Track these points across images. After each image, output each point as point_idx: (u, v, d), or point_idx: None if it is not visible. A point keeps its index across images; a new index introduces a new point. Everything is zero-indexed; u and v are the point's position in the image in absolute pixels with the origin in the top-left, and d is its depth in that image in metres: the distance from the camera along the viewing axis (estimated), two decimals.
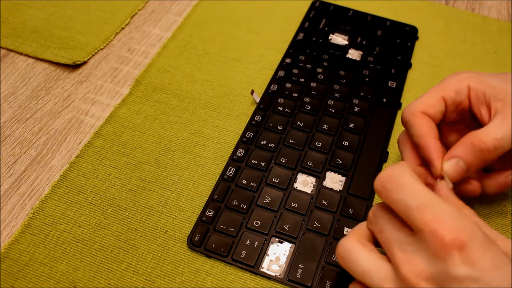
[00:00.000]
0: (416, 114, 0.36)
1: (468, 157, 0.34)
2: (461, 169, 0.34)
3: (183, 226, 0.39)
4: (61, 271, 0.36)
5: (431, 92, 0.37)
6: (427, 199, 0.28)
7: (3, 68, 0.50)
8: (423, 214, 0.27)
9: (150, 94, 0.48)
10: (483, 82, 0.36)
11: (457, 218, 0.26)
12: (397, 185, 0.29)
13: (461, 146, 0.34)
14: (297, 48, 0.53)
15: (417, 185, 0.28)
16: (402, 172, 0.29)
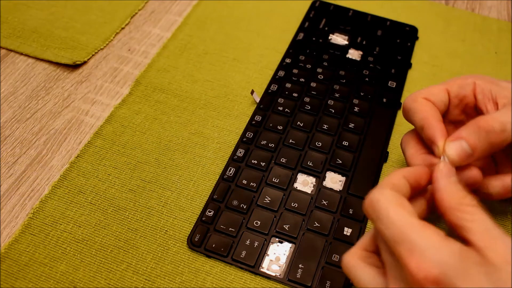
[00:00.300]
0: (418, 100, 0.35)
1: (473, 139, 0.31)
2: (464, 152, 0.32)
3: (183, 226, 0.39)
4: (61, 271, 0.36)
5: (434, 85, 0.36)
6: (402, 231, 0.26)
7: (3, 68, 0.50)
8: (397, 247, 0.26)
9: (150, 94, 0.48)
10: (490, 81, 0.35)
11: (431, 251, 0.25)
12: (375, 214, 0.28)
13: (466, 128, 0.32)
14: (297, 48, 0.53)
15: (393, 213, 0.27)
16: (378, 198, 0.28)
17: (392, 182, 0.30)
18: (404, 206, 0.28)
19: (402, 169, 0.31)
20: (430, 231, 0.26)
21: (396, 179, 0.30)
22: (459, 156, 0.32)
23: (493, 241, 0.26)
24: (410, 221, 0.27)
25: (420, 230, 0.26)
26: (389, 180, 0.30)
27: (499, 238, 0.26)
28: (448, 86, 0.36)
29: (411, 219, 0.27)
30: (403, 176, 0.30)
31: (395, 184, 0.29)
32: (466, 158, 0.32)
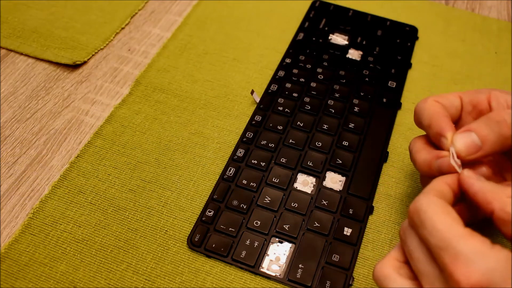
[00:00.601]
0: (428, 101, 0.34)
1: (483, 131, 0.30)
2: (473, 144, 0.30)
3: (183, 226, 0.39)
4: (61, 271, 0.36)
5: (447, 93, 0.36)
6: (447, 238, 0.26)
7: (3, 68, 0.50)
8: (442, 254, 0.26)
9: (150, 94, 0.48)
10: (506, 92, 0.34)
11: (477, 258, 0.25)
12: (419, 220, 0.27)
13: (476, 121, 0.31)
14: (297, 48, 0.53)
15: (439, 222, 0.27)
16: (425, 205, 0.28)
17: (437, 189, 0.29)
18: (450, 214, 0.27)
19: (445, 176, 0.30)
20: (476, 239, 0.26)
21: (440, 186, 0.29)
22: (468, 148, 0.31)
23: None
24: (456, 229, 0.26)
25: (466, 238, 0.26)
26: (433, 187, 0.29)
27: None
28: (461, 94, 0.35)
29: (457, 226, 0.26)
30: (446, 183, 0.30)
31: (440, 191, 0.29)
32: (475, 151, 0.30)
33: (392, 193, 0.42)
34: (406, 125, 0.47)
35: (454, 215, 0.27)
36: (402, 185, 0.43)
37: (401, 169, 0.44)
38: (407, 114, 0.48)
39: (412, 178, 0.43)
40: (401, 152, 0.45)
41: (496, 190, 0.28)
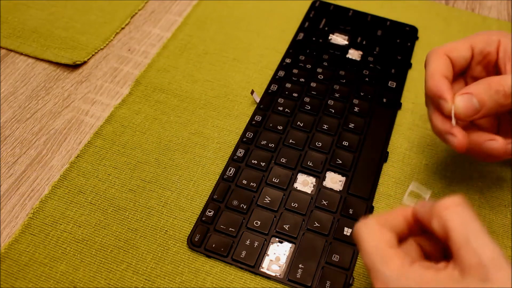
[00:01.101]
0: (438, 52, 0.36)
1: (481, 95, 0.32)
2: (472, 106, 0.33)
3: (183, 226, 0.39)
4: (61, 271, 0.36)
5: (461, 39, 0.37)
6: (372, 260, 0.28)
7: (3, 68, 0.50)
8: (369, 273, 0.29)
9: (150, 94, 0.48)
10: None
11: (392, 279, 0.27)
12: (356, 242, 0.30)
13: (477, 85, 0.33)
14: (297, 48, 0.53)
15: (368, 243, 0.29)
16: (360, 228, 0.30)
17: (384, 216, 0.31)
18: (382, 237, 0.29)
19: (403, 208, 0.32)
20: (396, 259, 0.28)
21: (390, 214, 0.31)
22: (467, 109, 0.33)
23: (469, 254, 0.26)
24: (381, 251, 0.28)
25: (388, 258, 0.28)
26: (383, 214, 0.31)
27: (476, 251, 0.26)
28: (473, 42, 0.36)
29: (383, 248, 0.28)
30: (401, 214, 0.31)
31: (386, 218, 0.31)
32: (473, 113, 0.33)
33: (392, 193, 0.42)
34: (406, 125, 0.47)
35: (386, 238, 0.29)
36: (402, 185, 0.43)
37: (401, 169, 0.44)
38: (407, 114, 0.48)
39: (412, 179, 0.43)
40: (401, 152, 0.45)
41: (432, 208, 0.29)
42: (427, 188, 0.39)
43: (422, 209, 0.30)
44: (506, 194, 0.42)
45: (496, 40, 0.36)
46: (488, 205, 0.42)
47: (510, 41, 0.35)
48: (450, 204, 0.28)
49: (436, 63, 0.35)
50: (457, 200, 0.28)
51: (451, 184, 0.43)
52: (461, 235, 0.27)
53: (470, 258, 0.26)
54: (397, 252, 0.28)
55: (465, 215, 0.28)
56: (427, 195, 0.33)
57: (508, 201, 0.42)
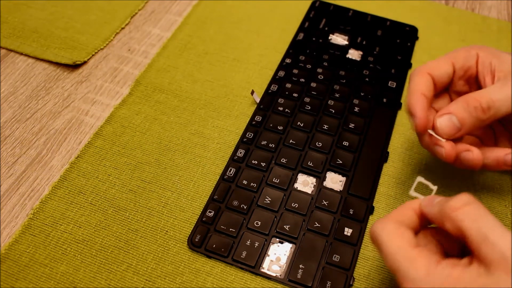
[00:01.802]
0: (420, 71, 0.37)
1: (461, 114, 0.34)
2: (453, 125, 0.34)
3: (184, 226, 0.39)
4: (62, 272, 0.36)
5: (442, 56, 0.38)
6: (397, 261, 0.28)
7: (3, 68, 0.50)
8: (395, 274, 0.29)
9: (150, 94, 0.48)
10: (492, 54, 0.37)
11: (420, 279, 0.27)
12: (376, 244, 0.30)
13: (455, 103, 0.35)
14: (297, 48, 0.53)
15: (391, 245, 0.29)
16: (379, 230, 0.30)
17: (398, 213, 0.31)
18: (401, 237, 0.29)
19: (410, 202, 0.32)
20: (422, 260, 0.28)
21: (403, 210, 0.32)
22: (449, 129, 0.34)
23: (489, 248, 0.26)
24: (404, 252, 0.28)
25: (413, 260, 0.28)
26: (395, 211, 0.31)
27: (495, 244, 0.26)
28: (453, 58, 0.38)
29: (406, 249, 0.29)
30: (411, 208, 0.32)
31: (400, 215, 0.31)
32: (455, 131, 0.35)
33: (392, 193, 0.42)
34: (406, 125, 0.47)
35: (406, 237, 0.29)
36: (403, 185, 0.43)
37: (401, 169, 0.44)
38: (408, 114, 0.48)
39: (412, 179, 0.43)
40: (401, 152, 0.45)
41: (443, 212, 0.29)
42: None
43: (431, 211, 0.30)
44: (506, 194, 0.42)
45: (474, 55, 0.37)
46: (488, 206, 0.42)
47: (488, 55, 0.37)
48: (459, 205, 0.28)
49: (417, 82, 0.37)
50: (465, 199, 0.28)
51: (451, 184, 0.43)
52: (477, 233, 0.27)
53: (492, 254, 0.26)
54: (422, 252, 0.28)
55: (476, 213, 0.28)
56: (435, 188, 0.33)
57: (508, 201, 0.42)
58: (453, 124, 0.34)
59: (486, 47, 0.38)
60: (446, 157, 0.35)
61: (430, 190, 0.33)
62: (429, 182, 0.34)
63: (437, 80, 0.37)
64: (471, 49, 0.38)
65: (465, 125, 0.34)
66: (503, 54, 0.37)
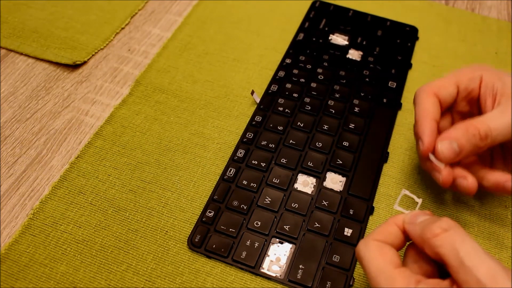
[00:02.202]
0: (427, 92, 0.38)
1: (460, 140, 0.35)
2: (453, 150, 0.35)
3: (184, 226, 0.39)
4: (62, 272, 0.36)
5: (447, 76, 0.39)
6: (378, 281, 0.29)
7: (3, 68, 0.50)
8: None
9: (150, 94, 0.48)
10: (496, 76, 0.37)
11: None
12: (361, 264, 0.31)
13: (455, 129, 0.36)
14: (297, 48, 0.53)
15: (372, 265, 0.29)
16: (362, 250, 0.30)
17: (382, 230, 0.32)
18: (386, 257, 0.30)
19: (394, 217, 0.32)
20: (401, 279, 0.28)
21: (387, 226, 0.32)
22: (449, 153, 0.35)
23: (466, 275, 0.27)
24: (386, 272, 0.29)
25: (393, 280, 0.28)
26: (380, 228, 0.32)
27: (473, 270, 0.27)
28: (458, 79, 0.38)
29: (388, 269, 0.29)
30: (395, 223, 0.32)
31: (385, 232, 0.31)
32: (454, 156, 0.35)
33: (393, 194, 0.42)
34: (407, 125, 0.47)
35: (389, 257, 0.30)
36: (403, 185, 0.43)
37: (401, 170, 0.44)
38: (408, 114, 0.48)
39: (412, 179, 0.43)
40: (401, 152, 0.45)
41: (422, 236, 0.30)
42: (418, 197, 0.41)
43: (413, 231, 0.31)
44: (506, 195, 0.42)
45: (478, 76, 0.38)
46: (488, 206, 0.42)
47: (492, 77, 0.37)
48: (439, 231, 0.29)
49: (426, 104, 0.37)
50: (444, 225, 0.29)
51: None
52: (454, 259, 0.27)
53: (468, 279, 0.26)
54: (402, 272, 0.29)
55: (455, 239, 0.28)
56: (419, 201, 0.34)
57: (508, 202, 0.42)
58: (453, 149, 0.35)
59: (491, 68, 0.38)
60: (443, 183, 0.36)
61: (415, 203, 0.34)
62: (414, 195, 0.35)
63: (442, 101, 0.38)
64: (476, 70, 0.38)
65: (464, 150, 0.35)
66: (507, 76, 0.37)
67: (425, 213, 0.31)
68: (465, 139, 0.35)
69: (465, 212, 0.41)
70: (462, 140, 0.35)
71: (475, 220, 0.41)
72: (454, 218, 0.41)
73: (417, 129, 0.37)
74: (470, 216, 0.41)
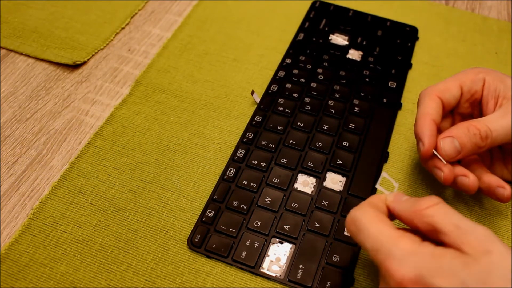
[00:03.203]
0: (431, 94, 0.38)
1: (462, 138, 0.36)
2: (454, 147, 0.36)
3: (184, 226, 0.39)
4: (61, 272, 0.36)
5: (451, 78, 0.39)
6: (380, 240, 0.29)
7: (3, 68, 0.50)
8: (377, 255, 0.29)
9: (150, 94, 0.48)
10: (498, 79, 0.38)
11: (405, 256, 0.28)
12: (356, 228, 0.31)
13: (457, 128, 0.37)
14: (297, 48, 0.53)
15: (372, 227, 0.30)
16: (360, 214, 0.31)
17: (371, 201, 0.33)
18: (382, 220, 0.30)
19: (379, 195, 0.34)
20: (406, 239, 0.29)
21: (374, 199, 0.33)
22: (451, 150, 0.36)
23: (464, 236, 0.28)
24: (388, 232, 0.29)
25: (397, 239, 0.29)
26: (368, 200, 0.33)
27: (468, 232, 0.28)
28: (462, 81, 0.39)
29: (389, 230, 0.29)
30: (380, 199, 0.33)
31: (373, 203, 0.32)
32: (456, 154, 0.36)
33: None
34: (407, 125, 0.47)
35: (386, 221, 0.30)
36: (403, 185, 0.43)
37: (401, 170, 0.44)
38: (408, 114, 0.48)
39: (412, 179, 0.43)
40: (401, 152, 0.45)
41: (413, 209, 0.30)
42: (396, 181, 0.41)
43: (399, 208, 0.31)
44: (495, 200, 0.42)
45: (482, 79, 0.39)
46: (488, 205, 0.42)
47: (494, 80, 0.38)
48: (429, 204, 0.30)
49: (427, 105, 0.38)
50: (434, 199, 0.30)
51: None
52: (449, 224, 0.28)
53: (467, 238, 0.27)
54: (405, 233, 0.29)
55: (445, 209, 0.29)
56: (397, 185, 0.35)
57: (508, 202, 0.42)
58: (455, 147, 0.36)
59: (493, 71, 0.39)
60: (444, 180, 0.37)
61: (393, 187, 0.34)
62: (392, 179, 0.36)
63: (446, 103, 0.39)
64: (479, 72, 0.39)
65: (465, 149, 0.36)
66: (508, 79, 0.38)
67: (406, 195, 0.33)
68: (466, 138, 0.36)
69: (465, 212, 0.41)
70: (463, 139, 0.36)
71: (475, 220, 0.41)
72: None
73: (417, 130, 0.38)
74: (470, 216, 0.41)
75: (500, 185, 0.37)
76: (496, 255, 0.26)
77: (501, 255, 0.26)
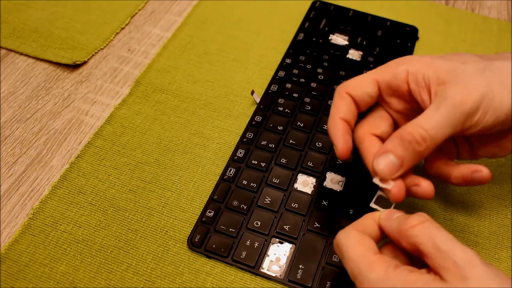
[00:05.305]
0: (340, 92, 0.35)
1: (398, 151, 0.32)
2: (393, 164, 0.32)
3: (183, 226, 0.39)
4: (61, 272, 0.36)
5: (367, 73, 0.35)
6: (358, 267, 0.29)
7: (3, 68, 0.50)
8: (355, 280, 0.29)
9: (150, 94, 0.48)
10: (426, 64, 0.33)
11: (379, 282, 0.28)
12: (339, 252, 0.31)
13: (390, 141, 0.32)
14: (297, 48, 0.53)
15: (352, 251, 0.30)
16: (342, 238, 0.31)
17: (360, 222, 0.32)
18: (364, 244, 0.30)
19: (372, 213, 0.33)
20: (380, 264, 0.29)
21: (364, 220, 0.32)
22: (389, 169, 0.32)
23: (443, 260, 0.27)
24: (366, 258, 0.29)
25: (372, 264, 0.29)
26: (358, 221, 0.32)
27: (449, 255, 0.27)
28: (378, 76, 0.35)
29: (368, 255, 0.29)
30: (372, 218, 0.33)
31: (362, 225, 0.32)
32: (396, 170, 0.32)
33: None
34: None
35: (367, 244, 0.30)
36: None
37: None
38: None
39: None
40: None
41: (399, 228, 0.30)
42: None
43: (389, 227, 0.31)
44: (506, 194, 0.42)
45: (403, 71, 0.34)
46: (488, 205, 0.42)
47: (420, 68, 0.33)
48: (415, 223, 0.29)
49: (336, 104, 0.35)
50: (421, 217, 0.30)
51: None
52: (431, 245, 0.28)
53: (445, 262, 0.27)
54: (381, 258, 0.29)
55: (430, 229, 0.29)
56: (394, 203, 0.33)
57: (508, 201, 0.42)
58: (392, 163, 0.32)
59: (419, 57, 0.34)
60: (394, 199, 0.33)
61: (390, 203, 0.34)
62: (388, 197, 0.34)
63: (359, 100, 0.35)
64: (401, 64, 0.34)
65: (405, 161, 0.32)
66: (439, 61, 0.33)
67: (399, 212, 0.32)
68: (402, 149, 0.31)
69: (464, 212, 0.41)
70: (399, 151, 0.32)
71: (475, 220, 0.41)
72: (454, 219, 0.41)
73: (328, 133, 0.35)
74: (470, 216, 0.41)
75: (473, 169, 0.34)
76: (473, 282, 0.26)
77: (478, 282, 0.26)
